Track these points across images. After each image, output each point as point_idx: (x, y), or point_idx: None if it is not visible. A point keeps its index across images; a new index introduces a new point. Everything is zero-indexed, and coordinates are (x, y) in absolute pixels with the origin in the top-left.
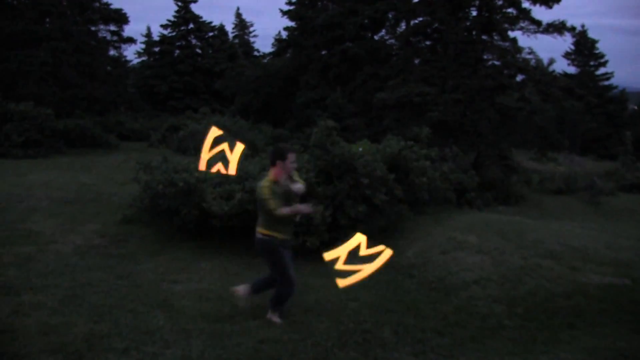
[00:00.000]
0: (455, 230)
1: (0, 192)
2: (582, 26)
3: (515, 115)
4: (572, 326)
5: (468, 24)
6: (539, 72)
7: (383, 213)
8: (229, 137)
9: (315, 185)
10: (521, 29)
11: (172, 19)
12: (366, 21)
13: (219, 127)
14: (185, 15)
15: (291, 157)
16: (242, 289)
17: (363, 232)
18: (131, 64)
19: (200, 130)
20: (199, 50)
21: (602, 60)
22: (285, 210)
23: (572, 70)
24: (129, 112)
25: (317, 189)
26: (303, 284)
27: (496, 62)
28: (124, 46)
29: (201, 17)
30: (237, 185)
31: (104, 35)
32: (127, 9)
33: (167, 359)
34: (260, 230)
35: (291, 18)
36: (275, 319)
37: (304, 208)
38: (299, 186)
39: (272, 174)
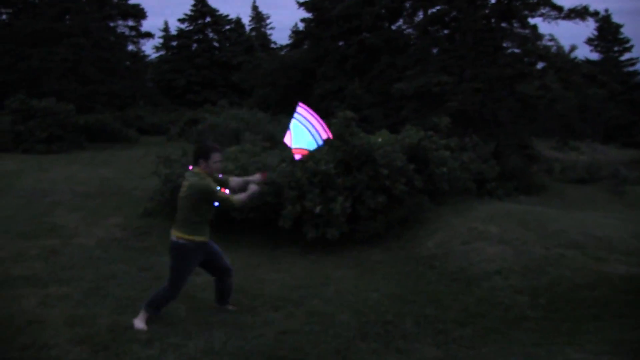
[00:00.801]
0: (476, 221)
1: (25, 187)
2: (606, 10)
3: (536, 104)
4: (596, 317)
5: (487, 11)
6: (560, 59)
7: (403, 204)
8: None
9: (334, 177)
10: (542, 15)
11: (189, 13)
12: (383, 11)
13: (237, 119)
14: (202, 9)
15: (215, 156)
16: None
17: (383, 223)
18: (149, 58)
19: (219, 123)
20: (216, 44)
21: (627, 46)
22: (242, 197)
23: (594, 56)
24: (148, 107)
25: (337, 180)
26: (323, 275)
27: (516, 50)
28: (142, 41)
29: (218, 11)
30: None
31: (123, 30)
32: (145, 4)
33: (190, 350)
34: (179, 235)
35: (307, 9)
36: (141, 324)
37: (254, 187)
38: (236, 179)
39: (197, 170)
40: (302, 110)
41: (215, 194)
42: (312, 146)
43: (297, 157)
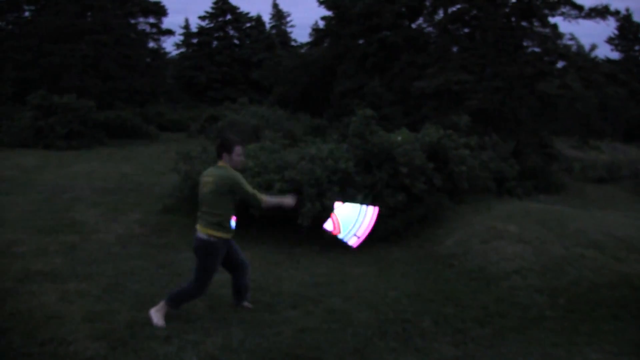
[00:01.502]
0: (495, 220)
1: (45, 183)
2: (627, 9)
3: (556, 103)
4: (616, 318)
5: (507, 10)
6: (580, 58)
7: (422, 202)
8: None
9: (354, 175)
10: (562, 14)
11: (210, 10)
12: (403, 9)
13: (257, 117)
14: (222, 6)
15: (238, 149)
16: (234, 301)
17: (402, 221)
18: (170, 55)
19: (239, 120)
20: (236, 41)
21: None
22: (271, 199)
23: (615, 55)
24: (168, 103)
25: (356, 178)
26: (342, 273)
27: (536, 49)
28: (162, 38)
29: (238, 8)
30: (276, 175)
31: (143, 27)
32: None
33: (208, 347)
34: (209, 232)
35: (328, 7)
36: (160, 319)
37: (288, 201)
38: (271, 199)
39: (222, 164)
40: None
41: (243, 185)
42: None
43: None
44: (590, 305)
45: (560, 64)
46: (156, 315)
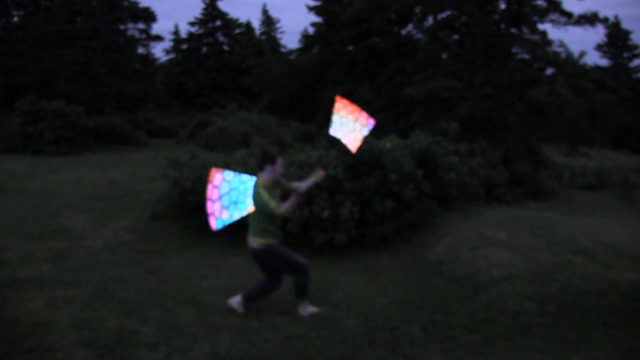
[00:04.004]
0: (484, 226)
1: (34, 189)
2: (615, 17)
3: (545, 110)
4: (606, 325)
5: (497, 17)
6: (569, 65)
7: (411, 209)
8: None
9: (342, 181)
10: (551, 21)
11: (199, 16)
12: (393, 16)
13: (247, 123)
14: (212, 12)
15: (280, 161)
16: (236, 301)
17: (391, 228)
18: (159, 61)
19: (228, 126)
20: (226, 47)
21: (637, 52)
22: (289, 205)
23: (604, 62)
24: (157, 109)
25: (345, 185)
26: (331, 280)
27: (525, 56)
28: (152, 44)
29: (228, 14)
30: None
31: (133, 33)
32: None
33: (196, 355)
34: (260, 241)
35: (317, 14)
36: (310, 309)
37: (319, 175)
38: (303, 184)
39: (262, 178)
40: (340, 102)
41: (266, 207)
42: (364, 132)
43: (353, 147)
44: (579, 312)
45: (549, 71)
46: (304, 310)
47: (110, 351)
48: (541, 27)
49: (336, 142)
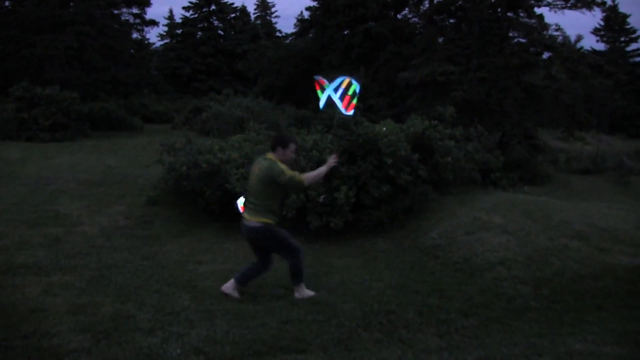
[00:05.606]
0: (480, 211)
1: (29, 175)
2: (613, 0)
3: (542, 94)
4: (600, 308)
5: (493, 1)
6: (566, 49)
7: (407, 193)
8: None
9: (338, 166)
10: (548, 5)
11: (194, 1)
12: (389, 0)
13: (242, 108)
14: None
15: (292, 146)
16: (229, 286)
17: (387, 213)
18: (154, 46)
19: (224, 111)
20: (221, 32)
21: (634, 36)
22: (311, 175)
23: (601, 47)
24: (152, 95)
25: (341, 169)
26: (327, 265)
27: (522, 40)
28: (146, 29)
29: None
30: None
31: (127, 18)
32: None
33: (192, 339)
34: (258, 219)
35: None
36: (305, 292)
37: (331, 162)
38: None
39: (273, 156)
40: (319, 81)
41: (283, 174)
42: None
43: (349, 112)
44: (574, 296)
45: (545, 55)
46: (300, 294)
47: (107, 336)
48: (538, 10)
49: (332, 127)
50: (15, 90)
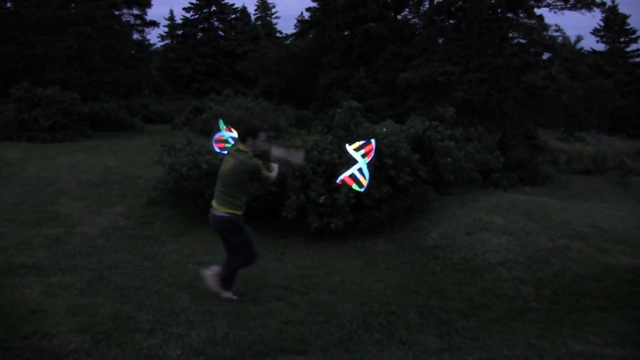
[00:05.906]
0: (480, 211)
1: (29, 176)
2: (612, 1)
3: (542, 94)
4: (601, 309)
5: (493, 1)
6: (566, 49)
7: (407, 194)
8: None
9: (338, 166)
10: (548, 5)
11: (194, 1)
12: (389, 0)
13: (242, 109)
14: None
15: (262, 135)
16: (209, 274)
17: (387, 213)
18: (155, 47)
19: (224, 112)
20: (221, 33)
21: (633, 37)
22: (274, 174)
23: (601, 47)
24: (153, 95)
25: (341, 170)
26: (327, 265)
27: (522, 40)
28: (147, 30)
29: (223, 0)
30: None
31: (128, 19)
32: None
33: (192, 340)
34: (227, 210)
35: None
36: (227, 294)
37: (297, 159)
38: (279, 151)
39: (244, 148)
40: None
41: (261, 172)
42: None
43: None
44: (575, 296)
45: (545, 56)
46: (224, 295)
47: (107, 337)
48: (537, 11)
49: (332, 128)
50: (16, 91)
